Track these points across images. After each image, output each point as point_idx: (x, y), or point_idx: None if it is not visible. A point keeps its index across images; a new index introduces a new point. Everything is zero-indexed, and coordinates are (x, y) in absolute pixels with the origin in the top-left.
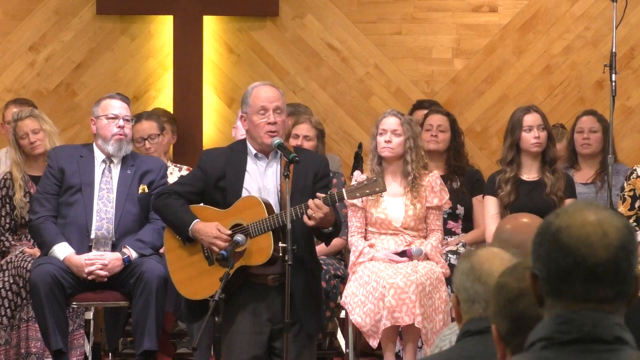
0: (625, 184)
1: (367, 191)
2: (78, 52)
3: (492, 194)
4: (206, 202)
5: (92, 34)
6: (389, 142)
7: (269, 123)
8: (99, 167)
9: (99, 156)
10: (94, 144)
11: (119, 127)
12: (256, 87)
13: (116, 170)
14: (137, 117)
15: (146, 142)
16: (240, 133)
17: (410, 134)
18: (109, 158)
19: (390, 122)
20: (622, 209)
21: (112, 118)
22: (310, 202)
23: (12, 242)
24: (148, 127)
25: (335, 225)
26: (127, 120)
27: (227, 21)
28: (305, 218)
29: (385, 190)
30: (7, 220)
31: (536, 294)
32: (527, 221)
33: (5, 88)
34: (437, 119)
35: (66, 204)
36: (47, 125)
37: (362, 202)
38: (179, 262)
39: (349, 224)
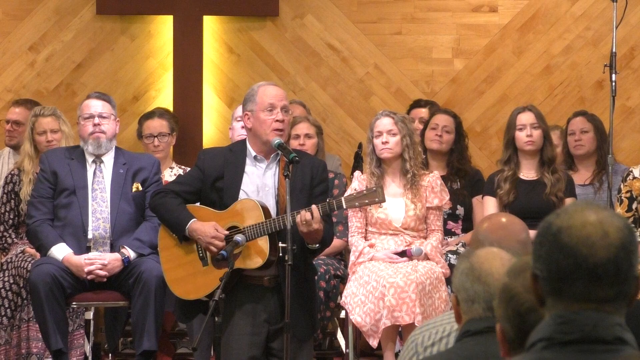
0: (621, 186)
1: (366, 201)
2: (78, 52)
3: (491, 194)
4: (202, 202)
5: (92, 34)
6: (386, 142)
7: (276, 120)
8: (89, 168)
9: (88, 157)
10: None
11: (95, 125)
12: (263, 85)
13: (108, 170)
14: (150, 114)
15: (156, 139)
16: (237, 134)
17: (406, 131)
18: (98, 158)
19: (385, 123)
20: (620, 210)
21: (88, 118)
22: (298, 217)
23: (15, 240)
24: (159, 125)
25: (322, 243)
26: (104, 117)
27: (227, 21)
28: (297, 218)
29: (384, 200)
30: (12, 216)
31: (537, 294)
32: (504, 221)
33: (5, 88)
34: (443, 119)
35: (61, 206)
36: (66, 127)
37: None
38: (173, 261)
39: (349, 224)
